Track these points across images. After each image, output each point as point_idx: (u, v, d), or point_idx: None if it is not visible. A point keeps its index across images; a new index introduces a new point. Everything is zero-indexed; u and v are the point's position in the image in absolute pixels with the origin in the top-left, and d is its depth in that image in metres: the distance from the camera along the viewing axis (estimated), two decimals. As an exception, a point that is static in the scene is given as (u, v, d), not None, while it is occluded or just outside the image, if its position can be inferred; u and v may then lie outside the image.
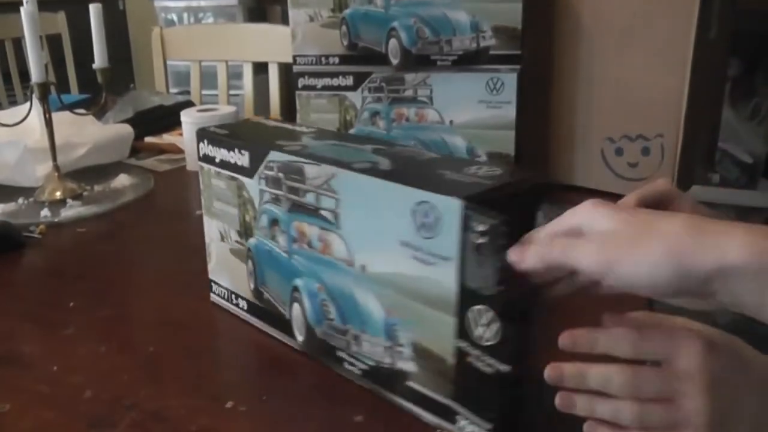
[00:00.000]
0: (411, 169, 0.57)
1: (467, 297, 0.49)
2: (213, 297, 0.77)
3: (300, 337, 0.66)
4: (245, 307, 0.72)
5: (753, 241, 0.40)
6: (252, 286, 0.71)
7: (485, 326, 0.49)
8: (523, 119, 1.03)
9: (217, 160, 0.70)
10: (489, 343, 0.49)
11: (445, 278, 0.50)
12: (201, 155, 0.72)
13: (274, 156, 0.63)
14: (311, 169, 0.59)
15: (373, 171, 0.55)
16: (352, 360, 0.61)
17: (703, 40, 1.01)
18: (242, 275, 0.71)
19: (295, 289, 0.64)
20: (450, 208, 0.49)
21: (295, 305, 0.65)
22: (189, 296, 0.80)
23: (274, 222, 0.65)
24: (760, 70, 2.35)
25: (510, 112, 1.02)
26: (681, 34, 0.98)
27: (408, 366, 0.56)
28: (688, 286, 0.41)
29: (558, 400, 0.49)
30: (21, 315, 0.78)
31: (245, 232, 0.69)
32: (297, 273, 0.64)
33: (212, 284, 0.77)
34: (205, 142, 0.71)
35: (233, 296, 0.74)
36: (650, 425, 0.47)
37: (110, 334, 0.73)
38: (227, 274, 0.74)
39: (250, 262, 0.70)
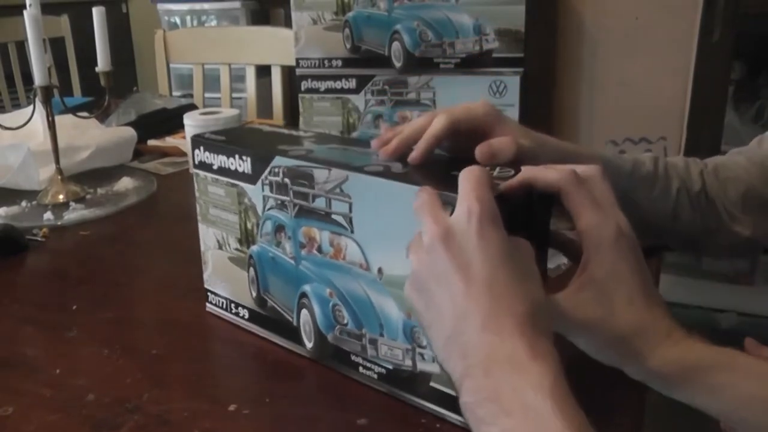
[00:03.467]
0: (424, 170, 0.57)
1: None
2: (209, 307, 0.75)
3: (309, 344, 0.65)
4: (246, 316, 0.71)
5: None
6: (254, 293, 0.70)
7: None
8: (526, 122, 1.03)
9: (215, 167, 0.69)
10: None
11: None
12: (196, 162, 0.71)
13: (279, 161, 0.62)
14: (321, 174, 0.59)
15: (388, 174, 0.55)
16: (369, 364, 0.60)
17: (707, 43, 1.01)
18: (243, 283, 0.70)
19: (303, 295, 0.64)
20: None
21: (303, 311, 0.64)
22: (192, 299, 0.80)
23: (279, 228, 0.64)
24: (763, 73, 2.35)
25: (513, 115, 1.02)
26: (684, 36, 0.98)
27: (431, 367, 0.55)
28: None
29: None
30: (24, 318, 0.78)
31: (246, 239, 0.68)
32: (305, 279, 0.63)
33: (209, 294, 0.75)
34: (201, 149, 0.70)
35: (232, 305, 0.73)
36: None
37: (113, 337, 0.72)
38: (226, 283, 0.73)
39: (251, 270, 0.69)
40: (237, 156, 0.66)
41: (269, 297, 0.68)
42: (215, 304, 0.75)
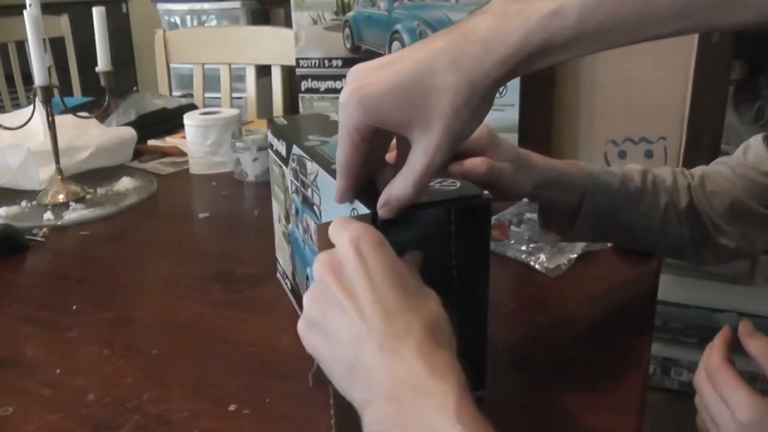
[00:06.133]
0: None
1: None
2: (278, 274, 0.82)
3: None
4: (290, 287, 0.76)
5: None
6: (290, 269, 0.74)
7: None
8: (526, 122, 1.03)
9: (274, 148, 0.74)
10: None
11: None
12: (270, 143, 0.76)
13: (295, 149, 0.65)
14: (310, 165, 0.61)
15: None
16: None
17: (707, 43, 1.01)
18: (287, 257, 0.75)
19: (307, 278, 0.67)
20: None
21: None
22: (192, 299, 0.80)
23: (297, 211, 0.68)
24: (764, 73, 2.34)
25: (513, 116, 1.02)
26: (684, 36, 0.98)
27: None
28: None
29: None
30: (24, 318, 0.78)
31: (287, 217, 0.73)
32: (308, 262, 0.66)
33: (277, 261, 0.82)
34: (270, 129, 0.76)
35: (285, 274, 0.78)
36: None
37: (113, 337, 0.73)
38: (281, 253, 0.79)
39: (289, 247, 0.73)
40: (279, 139, 0.71)
41: (296, 275, 0.72)
42: (279, 272, 0.81)
